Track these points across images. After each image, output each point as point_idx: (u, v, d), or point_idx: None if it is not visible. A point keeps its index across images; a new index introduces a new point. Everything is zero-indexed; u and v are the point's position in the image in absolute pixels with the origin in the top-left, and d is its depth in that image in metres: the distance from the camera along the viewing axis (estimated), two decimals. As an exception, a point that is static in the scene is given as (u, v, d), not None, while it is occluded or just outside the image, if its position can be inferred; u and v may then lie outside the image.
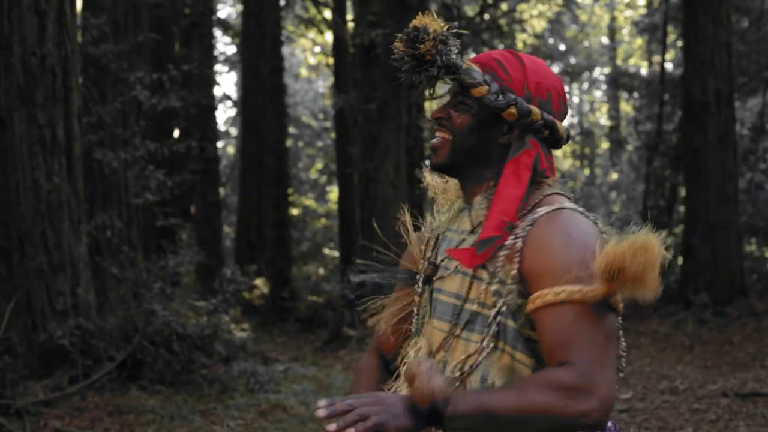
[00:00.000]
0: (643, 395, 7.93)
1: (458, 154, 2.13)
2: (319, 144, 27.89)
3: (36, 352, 7.58)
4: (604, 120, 31.77)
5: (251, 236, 17.72)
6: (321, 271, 23.28)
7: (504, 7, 19.63)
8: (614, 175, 26.76)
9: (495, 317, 1.98)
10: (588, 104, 34.15)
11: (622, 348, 2.12)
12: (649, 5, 22.22)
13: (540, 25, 25.38)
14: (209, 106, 17.74)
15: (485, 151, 2.13)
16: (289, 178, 19.33)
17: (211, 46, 18.72)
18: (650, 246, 1.82)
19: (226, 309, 8.60)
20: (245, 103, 18.01)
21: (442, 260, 2.16)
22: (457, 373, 2.00)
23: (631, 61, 28.47)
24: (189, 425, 6.96)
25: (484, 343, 1.99)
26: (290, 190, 20.00)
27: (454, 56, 2.09)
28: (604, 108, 31.74)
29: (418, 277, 2.23)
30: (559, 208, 2.02)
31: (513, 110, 2.09)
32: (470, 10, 19.50)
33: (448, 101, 2.17)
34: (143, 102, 9.14)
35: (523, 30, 22.94)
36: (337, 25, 14.28)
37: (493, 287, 1.99)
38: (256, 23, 17.31)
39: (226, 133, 29.52)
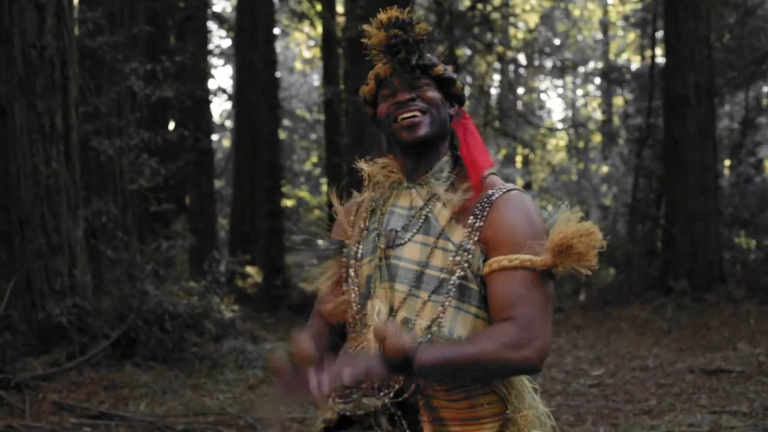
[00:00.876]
0: (614, 372, 8.31)
1: (435, 125, 2.41)
2: (313, 136, 28.18)
3: (35, 329, 7.93)
4: (597, 114, 32.04)
5: (245, 227, 18.02)
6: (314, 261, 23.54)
7: (497, 1, 19.92)
8: (605, 168, 27.07)
9: (459, 281, 2.32)
10: (581, 98, 34.42)
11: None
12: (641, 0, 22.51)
13: (532, 19, 25.68)
14: (203, 98, 18.04)
15: (446, 123, 2.44)
16: (282, 170, 19.62)
17: (206, 39, 19.02)
18: (594, 231, 2.22)
19: (216, 290, 8.95)
20: (239, 97, 18.31)
21: (397, 231, 2.43)
22: (427, 332, 2.30)
23: (624, 56, 28.72)
24: (180, 398, 7.32)
25: (451, 304, 2.31)
26: (284, 182, 20.28)
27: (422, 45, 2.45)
28: (596, 102, 32.02)
29: (351, 249, 2.51)
30: (509, 190, 2.36)
31: (459, 84, 2.48)
32: (462, 5, 19.80)
33: (401, 86, 2.43)
34: (138, 92, 9.47)
35: (515, 25, 23.26)
36: (326, 18, 14.60)
37: (458, 257, 2.32)
38: (250, 17, 17.61)
39: (222, 126, 29.76)
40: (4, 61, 8.04)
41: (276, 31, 20.25)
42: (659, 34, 19.28)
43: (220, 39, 32.33)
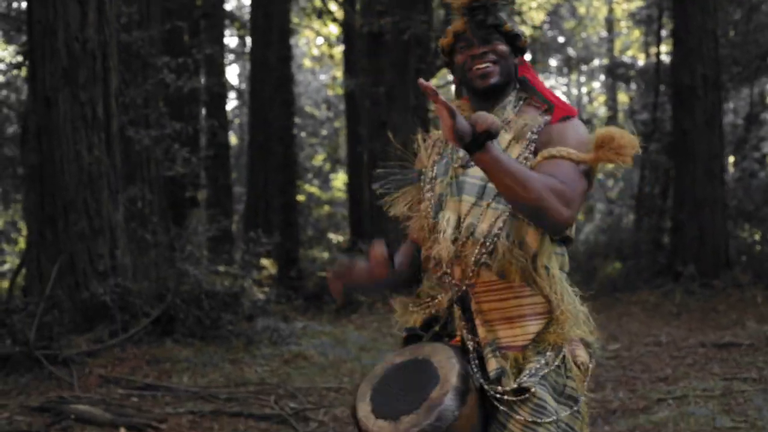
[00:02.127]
0: (629, 346, 8.74)
1: (504, 74, 2.79)
2: (323, 132, 28.51)
3: (79, 308, 8.35)
4: (602, 111, 32.35)
5: (259, 221, 18.35)
6: (326, 255, 23.92)
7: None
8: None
9: None
10: (586, 95, 34.75)
11: None
12: (646, -4, 22.81)
13: (539, 17, 25.98)
14: (220, 93, 18.42)
15: (513, 71, 2.84)
16: (296, 164, 19.92)
17: (222, 36, 19.38)
18: (628, 135, 2.57)
19: (250, 271, 9.38)
20: (253, 93, 18.58)
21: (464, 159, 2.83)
22: (486, 230, 2.67)
23: (629, 53, 28.99)
24: (221, 371, 7.73)
25: (506, 209, 2.65)
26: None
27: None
28: (601, 99, 32.34)
29: (427, 172, 2.91)
30: (566, 117, 2.75)
31: (525, 38, 2.86)
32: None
33: (474, 41, 2.83)
34: (170, 84, 9.90)
35: (523, 21, 23.58)
36: (348, 13, 15.00)
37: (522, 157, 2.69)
38: (264, 14, 17.93)
39: (231, 123, 30.02)
40: (49, 53, 8.47)
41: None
42: (664, 32, 19.65)
43: (230, 38, 32.74)
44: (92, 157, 8.49)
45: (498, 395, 2.57)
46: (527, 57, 2.98)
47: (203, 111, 17.82)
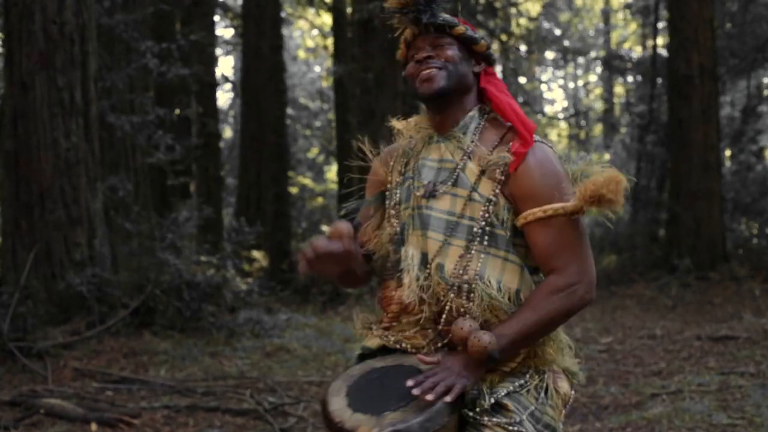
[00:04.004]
0: (623, 340, 8.49)
1: (451, 80, 2.57)
2: (317, 124, 28.29)
3: (55, 299, 8.10)
4: (598, 104, 32.17)
5: (251, 212, 18.12)
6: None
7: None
8: (607, 156, 27.20)
9: (488, 229, 2.50)
10: (582, 88, 34.56)
11: None
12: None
13: (535, 8, 25.78)
14: (210, 83, 18.17)
15: (468, 79, 2.62)
16: (288, 154, 19.72)
17: (213, 24, 19.13)
18: (621, 179, 2.39)
19: (233, 261, 9.13)
20: (245, 82, 18.37)
21: (434, 184, 2.58)
22: (460, 273, 2.49)
23: (626, 45, 28.84)
24: (199, 364, 7.49)
25: (481, 249, 2.49)
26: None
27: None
28: (598, 91, 32.15)
29: (392, 194, 2.69)
30: (536, 141, 2.53)
31: (483, 42, 2.65)
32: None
33: (422, 46, 2.63)
34: (153, 70, 9.63)
35: (519, 13, 23.36)
36: (337, 1, 14.76)
37: (487, 207, 2.50)
38: (257, 4, 17.71)
39: (224, 115, 29.82)
40: (26, 36, 8.21)
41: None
42: (660, 24, 19.44)
43: (223, 29, 32.43)
44: (69, 143, 8.23)
45: (474, 418, 2.41)
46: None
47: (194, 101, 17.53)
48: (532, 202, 2.49)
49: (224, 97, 33.98)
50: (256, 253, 17.03)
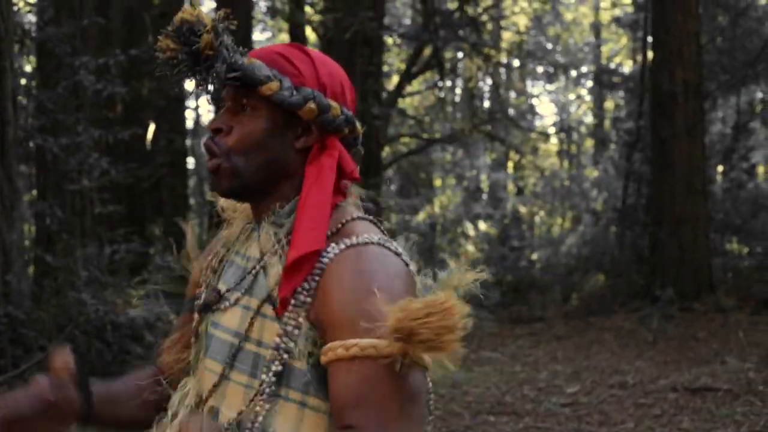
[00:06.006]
0: (590, 389, 7.72)
1: (243, 177, 1.80)
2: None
3: (-37, 341, 7.34)
4: (587, 118, 31.64)
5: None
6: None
7: (486, 1, 19.40)
8: (595, 172, 26.62)
9: (278, 360, 1.72)
10: (572, 102, 34.01)
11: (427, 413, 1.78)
12: (633, 2, 22.07)
13: (522, 22, 25.24)
14: (178, 98, 17.47)
15: (281, 161, 1.82)
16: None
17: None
18: (449, 307, 1.57)
19: (163, 298, 8.36)
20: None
21: (227, 290, 1.85)
22: (237, 424, 1.72)
23: (616, 59, 28.40)
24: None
25: (264, 389, 1.72)
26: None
27: (232, 51, 1.77)
28: (587, 106, 31.61)
29: (196, 303, 1.92)
30: (353, 245, 1.72)
31: (312, 105, 1.79)
32: (448, 5, 19.29)
33: (227, 108, 1.84)
34: (88, 87, 8.89)
35: (501, 27, 22.79)
36: (293, 12, 14.02)
37: (280, 329, 1.72)
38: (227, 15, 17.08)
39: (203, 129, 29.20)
40: (-70, 51, 7.46)
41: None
42: (650, 39, 18.87)
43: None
44: (-18, 168, 7.47)
45: None
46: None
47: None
48: (337, 332, 1.66)
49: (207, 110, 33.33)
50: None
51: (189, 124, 23.59)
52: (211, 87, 1.78)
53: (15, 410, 1.77)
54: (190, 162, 20.50)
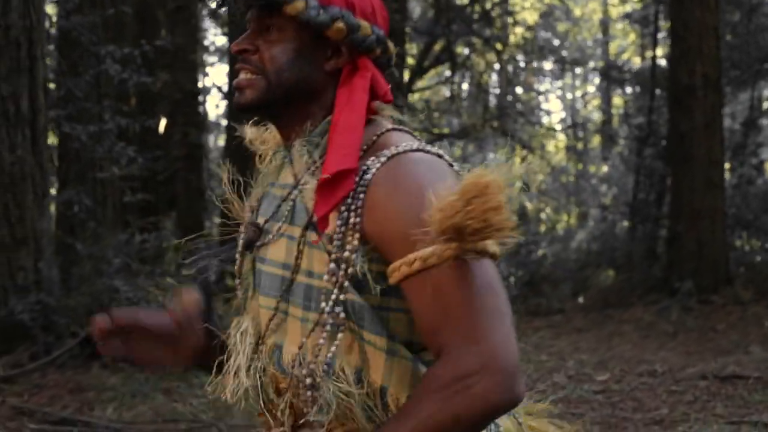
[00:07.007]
0: (620, 377, 7.73)
1: (272, 91, 1.75)
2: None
3: (-4, 328, 7.39)
4: (595, 115, 31.64)
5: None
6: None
7: (496, -3, 19.47)
8: (604, 168, 26.62)
9: (337, 290, 1.63)
10: (580, 98, 34.03)
11: None
12: (642, -1, 22.08)
13: (532, 17, 25.26)
14: (193, 91, 17.50)
15: (309, 83, 1.76)
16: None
17: (196, 30, 18.48)
18: (484, 186, 1.48)
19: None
20: (231, 90, 17.78)
21: (266, 221, 1.79)
22: (300, 363, 1.66)
23: (625, 56, 28.38)
24: (150, 403, 6.79)
25: (324, 324, 1.64)
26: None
27: None
28: (595, 102, 31.63)
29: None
30: (394, 155, 1.65)
31: (340, 25, 1.71)
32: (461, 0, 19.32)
33: (251, 30, 1.78)
34: (114, 76, 8.92)
35: (515, 22, 22.82)
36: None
37: (333, 255, 1.64)
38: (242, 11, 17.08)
39: (217, 125, 29.13)
40: (-34, 41, 7.50)
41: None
42: (660, 34, 18.87)
43: (214, 36, 31.76)
44: (14, 156, 7.52)
45: None
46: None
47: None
48: (395, 250, 1.58)
49: (220, 105, 33.33)
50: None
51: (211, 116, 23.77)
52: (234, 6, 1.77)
53: (144, 320, 1.81)
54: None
